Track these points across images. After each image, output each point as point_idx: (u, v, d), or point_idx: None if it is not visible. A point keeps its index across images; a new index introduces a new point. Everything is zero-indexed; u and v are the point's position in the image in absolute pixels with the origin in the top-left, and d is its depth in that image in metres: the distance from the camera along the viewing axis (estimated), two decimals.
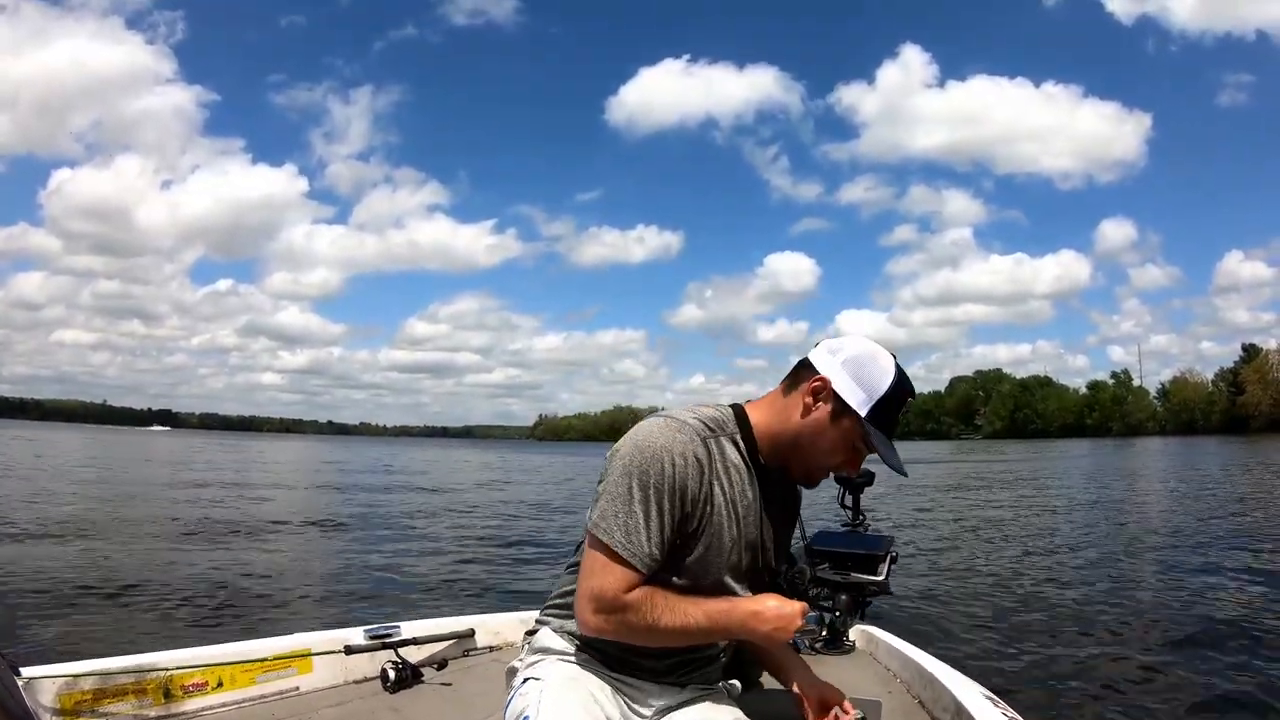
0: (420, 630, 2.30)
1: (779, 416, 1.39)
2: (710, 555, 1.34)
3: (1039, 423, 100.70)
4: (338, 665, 2.13)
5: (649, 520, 1.27)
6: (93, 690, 1.75)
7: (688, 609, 1.30)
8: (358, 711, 1.95)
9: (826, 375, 1.35)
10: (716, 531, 1.34)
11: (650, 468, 1.27)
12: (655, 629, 1.29)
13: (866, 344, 1.40)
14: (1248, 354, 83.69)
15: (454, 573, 7.48)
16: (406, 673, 2.13)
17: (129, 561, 7.38)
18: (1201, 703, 3.90)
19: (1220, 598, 6.17)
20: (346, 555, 8.45)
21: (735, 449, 1.37)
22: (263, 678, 1.99)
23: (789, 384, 1.41)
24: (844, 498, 3.32)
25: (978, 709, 1.62)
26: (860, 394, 1.34)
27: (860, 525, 3.24)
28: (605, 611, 1.29)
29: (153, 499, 14.84)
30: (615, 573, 1.28)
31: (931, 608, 6.05)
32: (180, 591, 6.22)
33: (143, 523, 10.59)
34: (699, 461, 1.30)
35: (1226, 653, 4.64)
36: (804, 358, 1.41)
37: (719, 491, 1.33)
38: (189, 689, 1.88)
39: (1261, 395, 76.96)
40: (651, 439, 1.30)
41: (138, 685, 1.81)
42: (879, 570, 2.81)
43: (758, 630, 1.33)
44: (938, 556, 8.65)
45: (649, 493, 1.27)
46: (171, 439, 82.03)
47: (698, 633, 1.32)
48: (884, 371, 1.36)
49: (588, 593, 1.30)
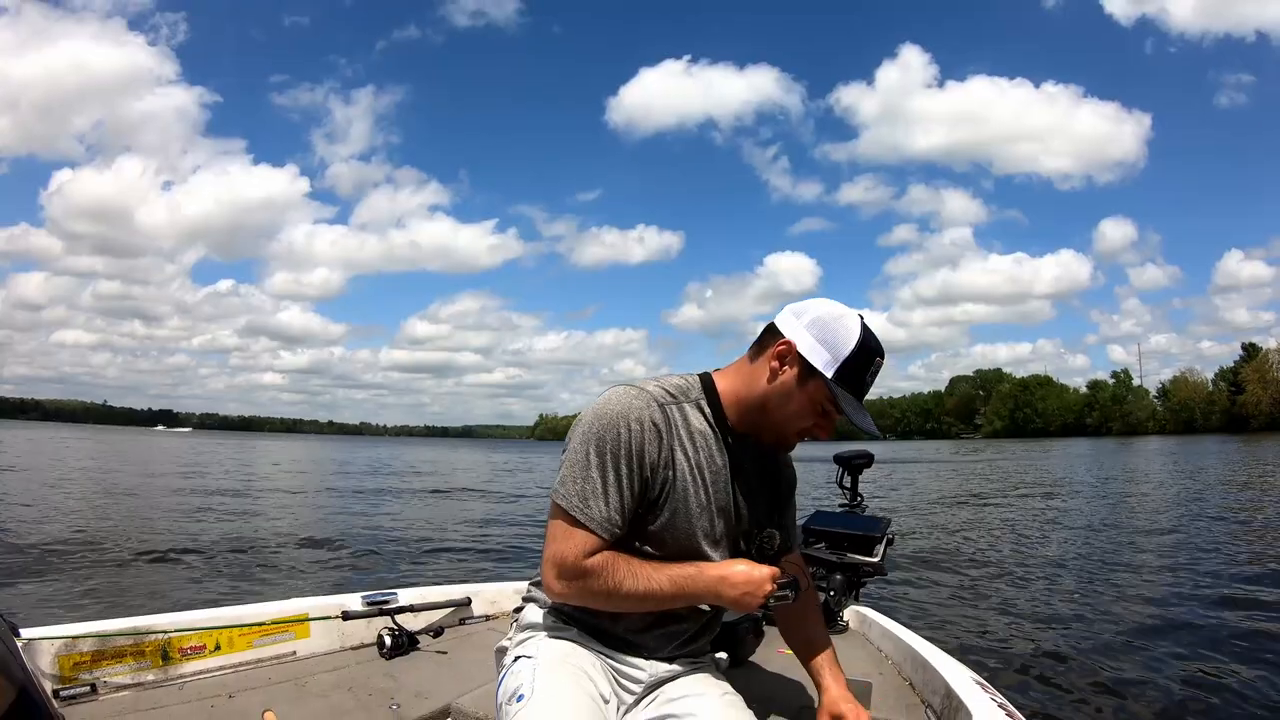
0: (417, 598, 2.31)
1: (746, 382, 1.39)
2: (678, 521, 1.34)
3: (1039, 422, 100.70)
4: (335, 631, 2.14)
5: (607, 485, 1.28)
6: (91, 652, 1.77)
7: (651, 574, 1.31)
8: (354, 677, 1.96)
9: (791, 338, 1.35)
10: (682, 497, 1.34)
11: (607, 434, 1.29)
12: (617, 593, 1.30)
13: (832, 305, 1.39)
14: (1248, 353, 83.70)
15: (451, 543, 7.49)
16: (403, 640, 2.15)
17: (130, 529, 7.39)
18: (1189, 691, 3.91)
19: (1212, 591, 6.17)
20: (345, 524, 8.46)
21: (700, 414, 1.38)
22: (260, 642, 2.00)
23: (756, 349, 1.41)
24: (842, 478, 3.32)
25: (967, 693, 1.62)
26: (825, 355, 1.33)
27: (858, 506, 3.24)
28: (567, 577, 1.30)
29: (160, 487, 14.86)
30: (576, 538, 1.29)
31: (926, 592, 6.08)
32: (180, 556, 6.24)
33: (146, 502, 10.62)
34: (656, 426, 1.30)
35: (1215, 644, 4.64)
36: (770, 322, 1.41)
37: (681, 457, 1.33)
38: (187, 651, 1.89)
39: (1262, 394, 76.93)
40: (609, 406, 1.31)
41: (136, 647, 1.83)
42: (875, 552, 2.81)
43: (726, 595, 1.33)
44: (934, 543, 8.67)
45: (605, 458, 1.28)
46: (191, 439, 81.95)
47: (662, 597, 1.32)
48: (849, 332, 1.34)
49: (550, 558, 1.31)
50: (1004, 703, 1.62)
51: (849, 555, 2.80)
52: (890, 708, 1.81)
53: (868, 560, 2.80)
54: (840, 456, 3.37)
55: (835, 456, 3.36)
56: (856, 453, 3.42)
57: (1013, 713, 1.56)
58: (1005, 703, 1.63)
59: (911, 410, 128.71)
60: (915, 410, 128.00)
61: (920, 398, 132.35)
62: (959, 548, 8.56)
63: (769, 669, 2.01)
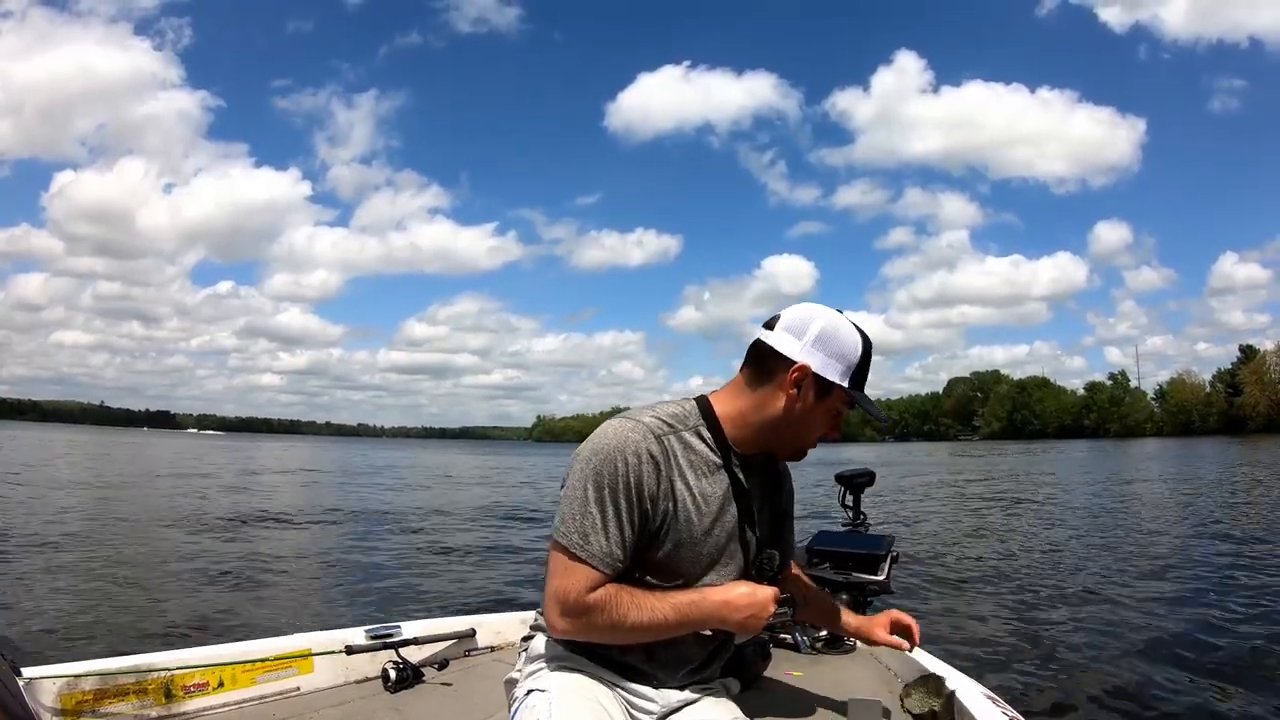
0: (421, 630, 2.28)
1: (755, 408, 1.40)
2: (682, 550, 1.35)
3: (1037, 424, 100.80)
4: (339, 665, 2.12)
5: (606, 520, 1.29)
6: (94, 690, 1.74)
7: (654, 604, 1.32)
8: (359, 711, 1.94)
9: (804, 362, 1.36)
10: (685, 526, 1.34)
11: (604, 468, 1.29)
12: (622, 626, 1.31)
13: (825, 315, 1.41)
14: (1245, 355, 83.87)
15: (455, 573, 7.47)
16: (408, 673, 2.12)
17: (130, 562, 7.36)
18: (1199, 705, 3.90)
19: (1223, 601, 6.15)
20: (347, 555, 8.43)
21: (700, 440, 1.38)
22: (263, 678, 1.98)
23: (755, 374, 1.41)
24: (844, 497, 3.30)
25: (978, 708, 1.62)
26: (839, 367, 1.38)
27: (861, 525, 3.23)
28: (570, 614, 1.30)
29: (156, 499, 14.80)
30: (577, 574, 1.29)
31: (932, 607, 6.05)
32: (181, 592, 6.21)
33: (144, 523, 10.56)
34: (654, 458, 1.31)
35: (1226, 655, 4.63)
36: (760, 342, 1.41)
37: (681, 486, 1.34)
38: (190, 689, 1.87)
39: (1259, 396, 77.07)
40: (605, 440, 1.32)
41: (139, 685, 1.80)
42: (880, 570, 2.80)
43: (730, 619, 1.35)
44: (938, 557, 8.65)
45: (604, 493, 1.29)
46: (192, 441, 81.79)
47: (667, 626, 1.33)
48: (851, 338, 1.39)
49: (552, 595, 1.31)
50: (1016, 716, 1.62)
51: (854, 575, 2.79)
52: None
53: (873, 579, 2.79)
54: (842, 476, 3.35)
55: (837, 476, 3.34)
56: (858, 471, 3.40)
57: None
58: (1017, 716, 1.62)
59: (909, 412, 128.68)
60: (913, 412, 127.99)
61: (918, 399, 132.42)
62: (964, 560, 8.54)
63: (778, 691, 2.00)
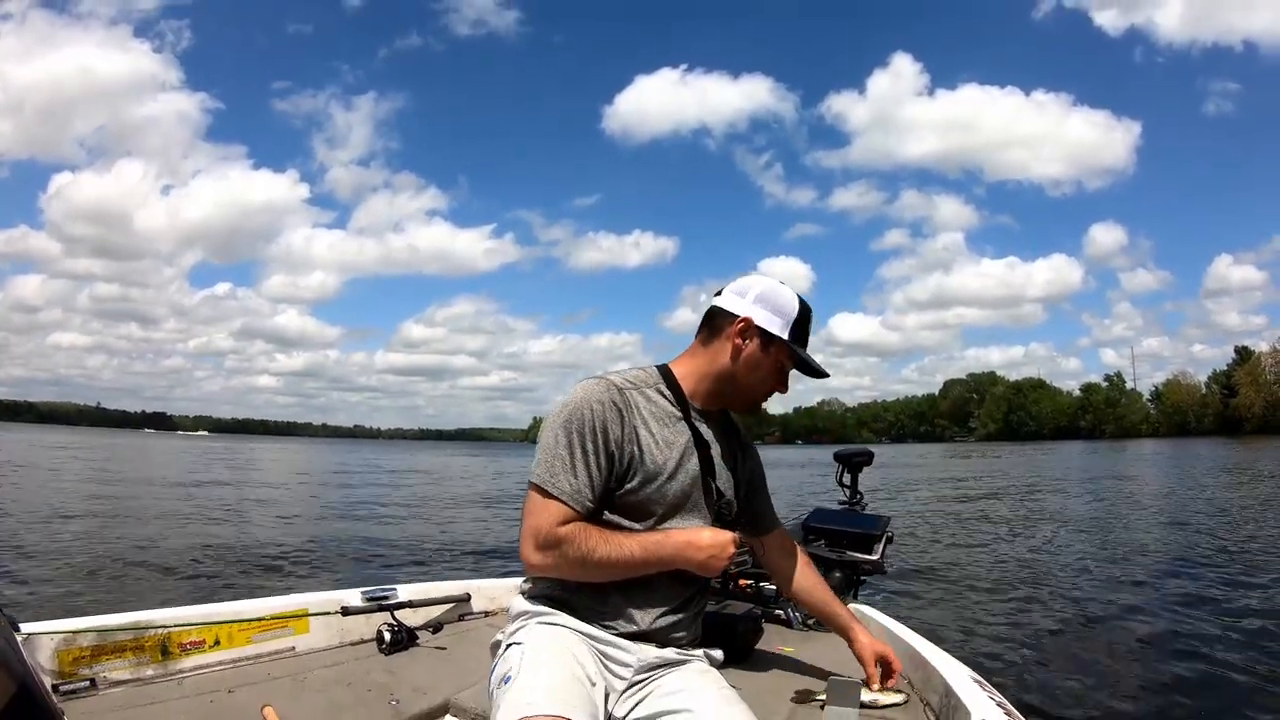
0: (416, 594, 2.30)
1: (708, 361, 1.55)
2: (649, 492, 1.45)
3: (1033, 425, 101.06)
4: (334, 626, 2.13)
5: (574, 460, 1.40)
6: (91, 647, 1.76)
7: (621, 540, 1.42)
8: (353, 672, 1.95)
9: (747, 315, 1.52)
10: (651, 470, 1.45)
11: (573, 416, 1.42)
12: (590, 559, 1.39)
13: (764, 279, 1.58)
14: (1240, 356, 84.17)
15: (451, 539, 7.47)
16: (402, 635, 2.14)
17: (131, 526, 7.34)
18: (1185, 689, 3.93)
19: (1209, 591, 6.22)
20: (343, 521, 8.43)
21: (661, 396, 1.51)
22: (259, 637, 2.00)
23: (707, 333, 1.57)
24: (842, 475, 3.32)
25: (965, 691, 1.62)
26: (779, 321, 1.53)
27: (857, 504, 3.25)
28: (543, 547, 1.40)
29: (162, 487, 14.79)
30: (549, 509, 1.40)
31: (924, 590, 6.10)
32: (180, 552, 6.19)
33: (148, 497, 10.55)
34: (617, 406, 1.43)
35: (1211, 643, 4.69)
36: (712, 306, 1.57)
37: (645, 433, 1.45)
38: (186, 646, 1.88)
39: (1254, 398, 77.34)
40: (574, 395, 1.45)
41: (136, 642, 1.82)
42: (874, 549, 2.82)
43: (693, 559, 1.45)
44: (933, 543, 8.71)
45: (572, 437, 1.41)
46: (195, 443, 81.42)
47: (633, 562, 1.42)
48: (789, 297, 1.55)
49: (527, 531, 1.42)
50: (1002, 701, 1.62)
51: (848, 553, 2.82)
52: (888, 706, 1.81)
53: (867, 558, 2.81)
54: (840, 454, 3.37)
55: (835, 454, 3.36)
56: (856, 450, 3.43)
57: (1010, 711, 1.56)
58: (1004, 701, 1.63)
59: (905, 413, 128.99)
60: (909, 413, 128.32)
61: (914, 401, 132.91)
62: (958, 548, 8.59)
63: (768, 665, 2.01)
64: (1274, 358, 79.79)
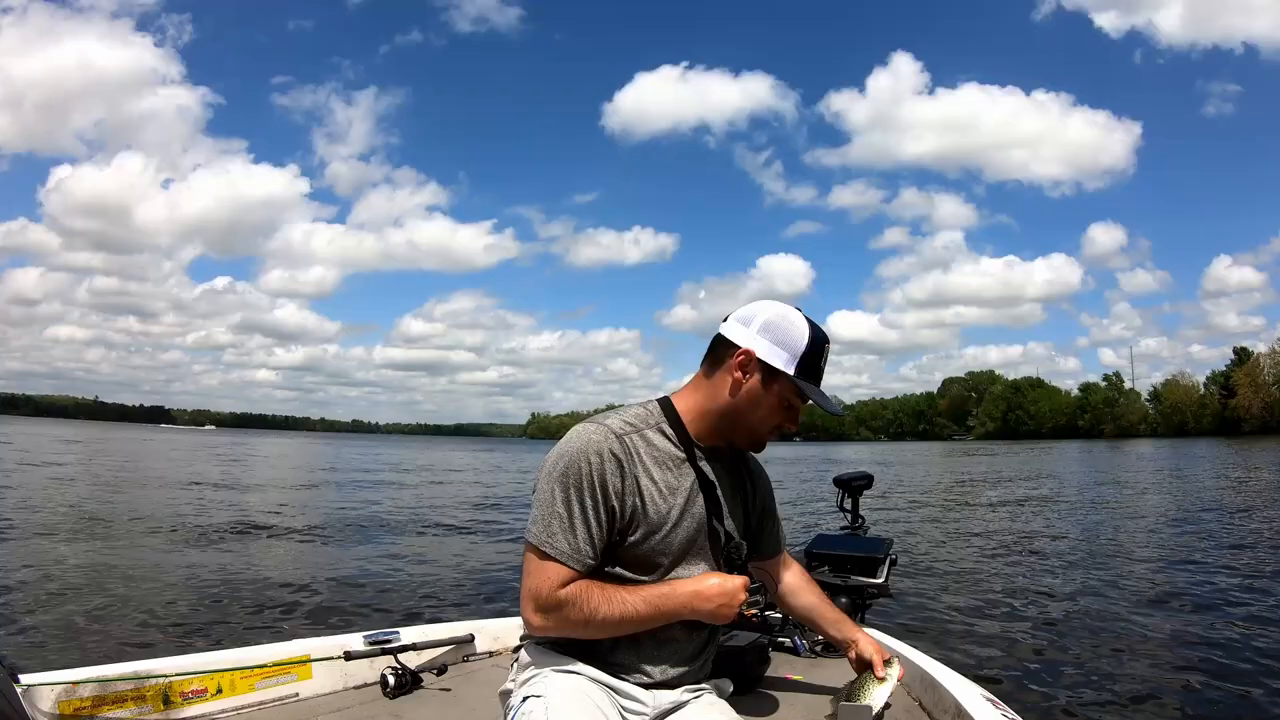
0: (420, 636, 2.28)
1: (709, 396, 1.47)
2: (653, 544, 1.39)
3: (1031, 424, 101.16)
4: (337, 671, 2.11)
5: (573, 518, 1.34)
6: (92, 697, 1.73)
7: (626, 597, 1.36)
8: (357, 717, 1.93)
9: (748, 347, 1.43)
10: (654, 520, 1.39)
11: (569, 470, 1.35)
12: (594, 620, 1.35)
13: (774, 306, 1.47)
14: (1239, 357, 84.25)
15: (453, 578, 7.44)
16: (406, 678, 2.11)
17: (128, 568, 7.30)
18: (1200, 706, 3.91)
19: (1227, 601, 6.19)
20: (345, 561, 8.40)
21: (663, 437, 1.43)
22: (262, 684, 1.97)
23: (711, 364, 1.49)
24: (843, 501, 3.31)
25: (978, 711, 1.61)
26: (784, 355, 1.42)
27: (859, 528, 3.24)
28: (543, 610, 1.35)
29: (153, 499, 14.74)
30: (548, 571, 1.34)
31: (931, 610, 6.06)
32: (179, 598, 6.16)
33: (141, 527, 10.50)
34: (616, 456, 1.36)
35: (1230, 657, 4.64)
36: (717, 334, 1.48)
37: (647, 482, 1.38)
38: (188, 695, 1.86)
39: (1253, 398, 77.44)
40: (570, 445, 1.37)
41: (137, 692, 1.79)
42: (878, 573, 2.81)
43: (701, 609, 1.39)
44: (937, 560, 8.66)
45: (570, 493, 1.34)
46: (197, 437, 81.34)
47: (639, 619, 1.37)
48: (799, 328, 1.44)
49: (526, 593, 1.37)
50: (1015, 718, 1.61)
51: (852, 578, 2.80)
52: None
53: (872, 581, 2.80)
54: (840, 479, 3.36)
55: (835, 479, 3.35)
56: (856, 475, 3.42)
57: None
58: (1016, 718, 1.62)
59: (904, 412, 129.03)
60: (907, 412, 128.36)
61: (912, 399, 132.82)
62: (962, 563, 8.55)
63: (777, 693, 2.00)
64: (1272, 359, 79.91)
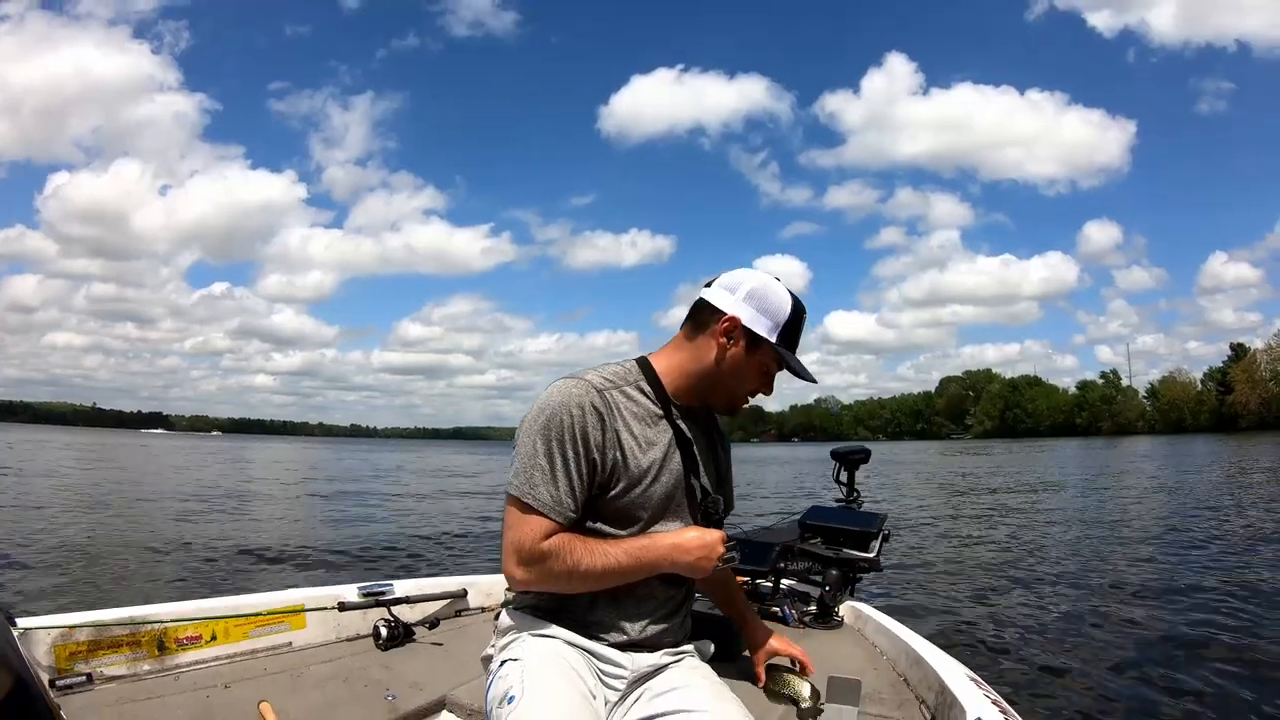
0: (413, 589, 2.31)
1: (692, 358, 1.48)
2: (633, 497, 1.40)
3: (1029, 422, 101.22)
4: (331, 622, 2.14)
5: (555, 470, 1.34)
6: (88, 641, 1.76)
7: (608, 549, 1.37)
8: (350, 668, 1.96)
9: (734, 313, 1.44)
10: (634, 474, 1.39)
11: (550, 423, 1.35)
12: (576, 571, 1.35)
13: (758, 275, 1.49)
14: (1236, 354, 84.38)
15: (447, 535, 7.44)
16: (399, 631, 2.14)
17: (128, 522, 7.31)
18: (1177, 686, 3.94)
19: (1204, 589, 6.22)
20: (340, 518, 8.40)
21: (641, 394, 1.45)
22: (256, 632, 2.00)
23: (692, 326, 1.49)
24: (839, 473, 3.32)
25: (960, 689, 1.62)
26: (767, 323, 1.44)
27: (854, 502, 3.26)
28: (526, 562, 1.35)
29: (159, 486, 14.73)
30: (531, 523, 1.34)
31: (921, 588, 6.09)
32: (178, 549, 6.16)
33: (146, 495, 10.51)
34: (597, 410, 1.36)
35: (1206, 642, 4.68)
36: (699, 299, 1.49)
37: (627, 436, 1.39)
38: (183, 641, 1.89)
39: (1250, 395, 77.56)
40: (551, 398, 1.38)
41: (132, 637, 1.82)
42: (870, 547, 2.83)
43: (681, 561, 1.40)
44: (930, 540, 8.71)
45: (551, 445, 1.34)
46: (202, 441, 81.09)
47: (621, 571, 1.38)
48: (781, 297, 1.46)
49: (508, 546, 1.36)
50: (997, 699, 1.62)
51: (845, 550, 2.82)
52: (884, 703, 1.81)
53: (863, 555, 2.81)
54: (837, 452, 3.38)
55: (832, 452, 3.37)
56: (853, 448, 3.43)
57: (1006, 709, 1.56)
58: (999, 699, 1.63)
59: (902, 411, 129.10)
60: (905, 411, 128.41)
61: (910, 398, 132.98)
62: (954, 545, 8.61)
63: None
64: (1269, 355, 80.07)
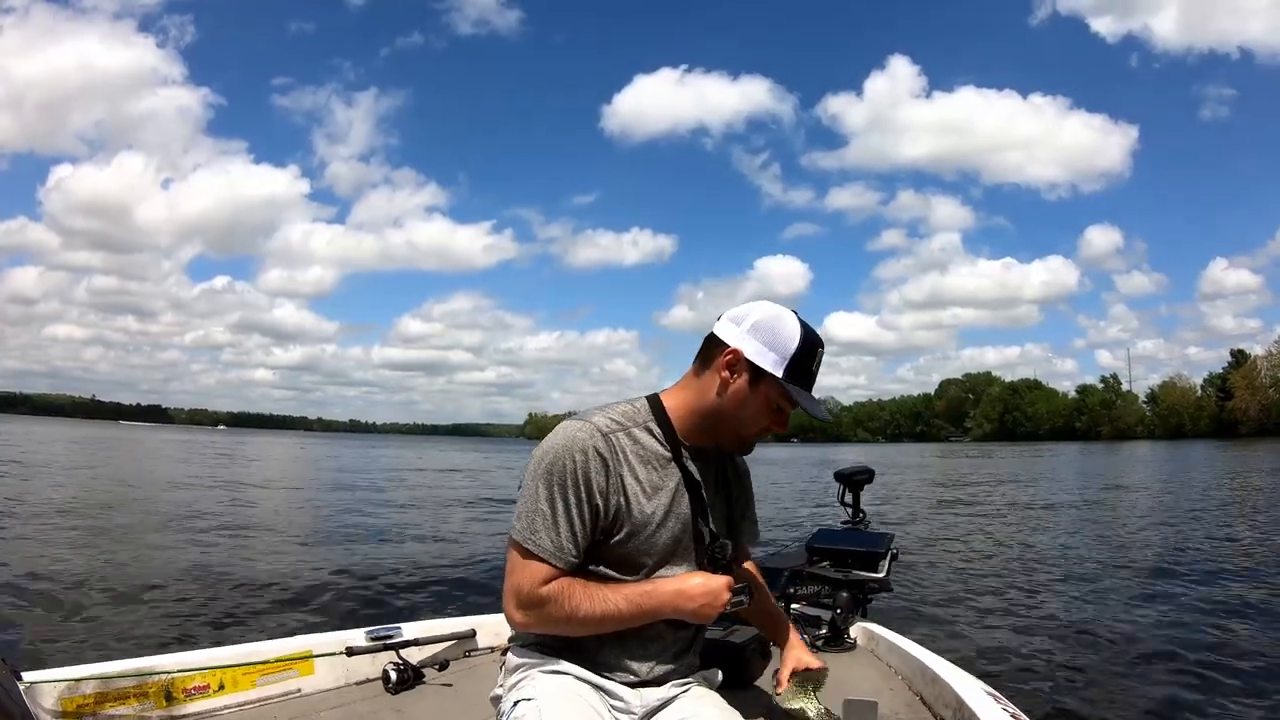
0: (421, 631, 2.28)
1: (697, 395, 1.44)
2: (637, 543, 1.38)
3: (1029, 425, 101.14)
4: (339, 667, 2.11)
5: (556, 515, 1.33)
6: (94, 694, 1.73)
7: (608, 595, 1.35)
8: (360, 713, 1.94)
9: (737, 346, 1.40)
10: (638, 519, 1.37)
11: (554, 467, 1.34)
12: (575, 618, 1.34)
13: (768, 307, 1.45)
14: (1236, 360, 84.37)
15: (454, 574, 7.43)
16: (408, 674, 2.12)
17: (130, 565, 7.28)
18: (1197, 700, 3.92)
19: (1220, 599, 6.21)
20: (347, 558, 8.39)
21: (650, 435, 1.42)
22: (264, 680, 1.97)
23: (701, 362, 1.46)
24: (844, 495, 3.32)
25: (979, 705, 1.61)
26: (773, 356, 1.39)
27: (861, 523, 3.25)
28: (525, 607, 1.35)
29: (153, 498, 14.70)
30: (530, 568, 1.33)
31: (932, 605, 6.07)
32: (181, 594, 6.14)
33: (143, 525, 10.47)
34: (601, 455, 1.34)
35: (1226, 652, 4.66)
36: (710, 333, 1.46)
37: (631, 480, 1.37)
38: (190, 692, 1.86)
39: (1250, 401, 77.50)
40: (555, 441, 1.36)
41: (139, 688, 1.79)
42: (880, 567, 2.83)
43: (684, 608, 1.38)
44: (938, 555, 8.67)
45: (554, 490, 1.33)
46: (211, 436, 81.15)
47: (621, 617, 1.36)
48: (790, 330, 1.41)
49: (508, 590, 1.36)
50: (1016, 713, 1.62)
51: (854, 572, 2.82)
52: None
53: (873, 576, 2.82)
54: (841, 474, 3.36)
55: (836, 474, 3.36)
56: (857, 469, 3.42)
57: None
58: (1018, 712, 1.62)
59: (901, 413, 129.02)
60: (905, 413, 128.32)
61: (910, 400, 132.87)
62: (964, 558, 8.57)
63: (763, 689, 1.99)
64: (1269, 361, 79.98)
